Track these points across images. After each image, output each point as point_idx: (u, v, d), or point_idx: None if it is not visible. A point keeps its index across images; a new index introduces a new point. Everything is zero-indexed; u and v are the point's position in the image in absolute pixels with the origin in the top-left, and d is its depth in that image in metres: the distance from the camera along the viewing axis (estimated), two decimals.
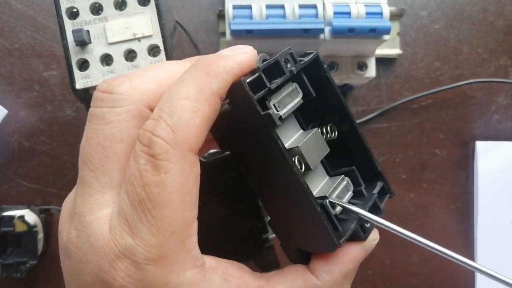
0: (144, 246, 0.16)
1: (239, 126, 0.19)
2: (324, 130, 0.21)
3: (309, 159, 0.19)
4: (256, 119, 0.17)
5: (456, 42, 0.43)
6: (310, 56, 0.20)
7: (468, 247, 0.43)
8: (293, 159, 0.19)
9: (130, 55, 0.27)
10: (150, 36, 0.27)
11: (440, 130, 0.43)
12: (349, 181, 0.21)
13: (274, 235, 0.24)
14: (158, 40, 0.27)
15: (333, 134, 0.21)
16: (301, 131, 0.21)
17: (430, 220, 0.42)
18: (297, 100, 0.19)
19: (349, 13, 0.31)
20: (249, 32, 0.30)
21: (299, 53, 0.35)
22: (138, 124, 0.18)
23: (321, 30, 0.30)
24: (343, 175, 0.21)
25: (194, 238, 0.17)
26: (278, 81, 0.18)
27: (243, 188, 0.22)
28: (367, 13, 0.31)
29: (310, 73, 0.20)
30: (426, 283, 0.42)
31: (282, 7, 0.31)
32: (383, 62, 0.42)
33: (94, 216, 0.17)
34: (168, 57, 0.26)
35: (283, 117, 0.18)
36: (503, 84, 0.43)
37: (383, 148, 0.42)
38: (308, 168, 0.19)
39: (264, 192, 0.21)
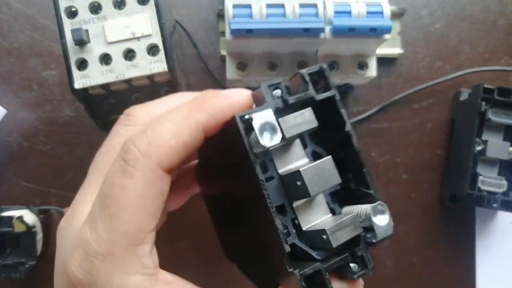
0: (96, 240, 0.17)
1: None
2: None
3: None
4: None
5: (457, 42, 0.43)
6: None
7: (467, 247, 0.42)
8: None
9: (129, 55, 0.27)
10: (149, 35, 0.26)
11: (440, 130, 0.43)
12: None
13: None
14: (157, 40, 0.26)
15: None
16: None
17: (430, 220, 0.42)
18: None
19: (349, 12, 0.31)
20: (249, 31, 0.30)
21: (300, 53, 0.35)
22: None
23: (322, 29, 0.30)
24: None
25: (147, 247, 0.18)
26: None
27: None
28: (368, 12, 0.31)
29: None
30: (427, 285, 0.42)
31: (282, 6, 0.31)
32: (384, 62, 0.42)
33: (79, 211, 0.19)
34: (168, 57, 0.26)
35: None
36: None
37: (384, 148, 0.42)
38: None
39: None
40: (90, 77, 0.26)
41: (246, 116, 0.17)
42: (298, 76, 0.19)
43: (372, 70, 0.35)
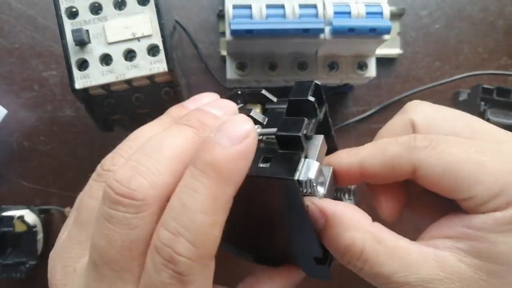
0: None
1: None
2: None
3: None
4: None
5: (457, 42, 0.43)
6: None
7: None
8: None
9: (130, 55, 0.27)
10: (149, 35, 0.26)
11: None
12: None
13: None
14: (157, 40, 0.26)
15: None
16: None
17: None
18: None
19: (349, 13, 0.31)
20: (249, 32, 0.30)
21: (300, 53, 0.35)
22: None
23: (321, 30, 0.30)
24: None
25: None
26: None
27: None
28: (367, 13, 0.31)
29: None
30: None
31: (282, 7, 0.31)
32: (384, 62, 0.42)
33: None
34: (168, 57, 0.26)
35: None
36: None
37: None
38: None
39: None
40: (90, 77, 0.26)
41: (303, 178, 0.18)
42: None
43: (372, 71, 0.35)
